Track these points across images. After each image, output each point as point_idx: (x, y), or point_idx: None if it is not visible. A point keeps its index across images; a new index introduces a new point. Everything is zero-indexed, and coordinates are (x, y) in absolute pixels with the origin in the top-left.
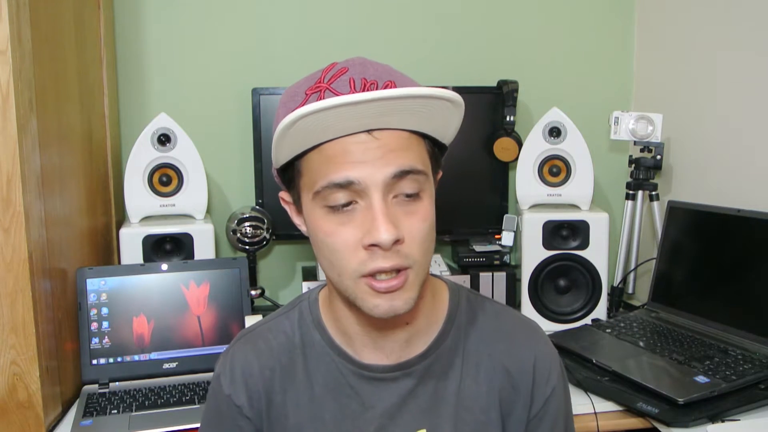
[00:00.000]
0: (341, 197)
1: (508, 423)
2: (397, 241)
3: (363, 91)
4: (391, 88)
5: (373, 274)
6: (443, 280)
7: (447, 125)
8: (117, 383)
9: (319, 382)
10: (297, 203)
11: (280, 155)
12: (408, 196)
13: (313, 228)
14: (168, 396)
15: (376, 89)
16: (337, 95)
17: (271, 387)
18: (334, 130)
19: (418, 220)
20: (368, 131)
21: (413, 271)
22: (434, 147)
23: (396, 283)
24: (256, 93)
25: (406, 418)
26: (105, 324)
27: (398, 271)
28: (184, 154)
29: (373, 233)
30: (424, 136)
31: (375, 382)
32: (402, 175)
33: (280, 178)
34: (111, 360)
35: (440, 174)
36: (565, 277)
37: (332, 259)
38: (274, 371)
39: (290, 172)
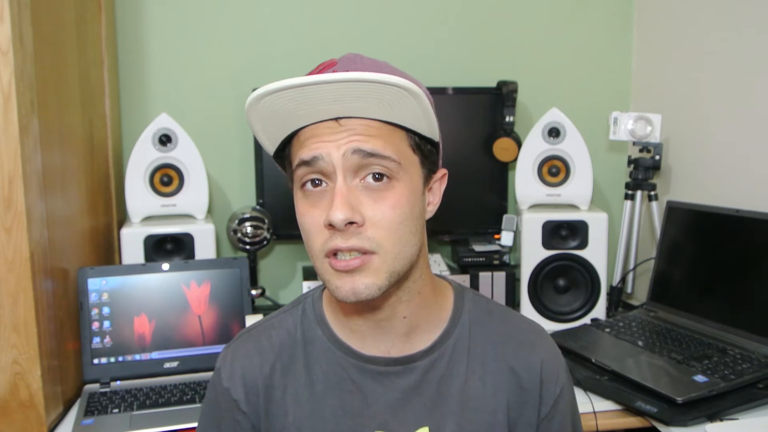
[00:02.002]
0: (310, 176)
1: (517, 425)
2: (353, 223)
3: None
4: None
5: (334, 253)
6: (448, 280)
7: (414, 116)
8: (118, 382)
9: (320, 379)
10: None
11: (261, 140)
12: (376, 180)
13: (295, 210)
14: (169, 395)
15: None
16: None
17: (270, 383)
18: (303, 116)
19: (387, 207)
20: (336, 119)
21: (379, 257)
22: (422, 141)
23: (355, 263)
24: None
25: (408, 414)
26: (106, 323)
27: (363, 254)
28: (185, 154)
29: (329, 213)
30: (406, 130)
31: (377, 376)
32: (366, 156)
33: (280, 167)
34: (112, 359)
35: (442, 172)
36: (564, 277)
37: (306, 240)
38: (274, 367)
39: (283, 160)
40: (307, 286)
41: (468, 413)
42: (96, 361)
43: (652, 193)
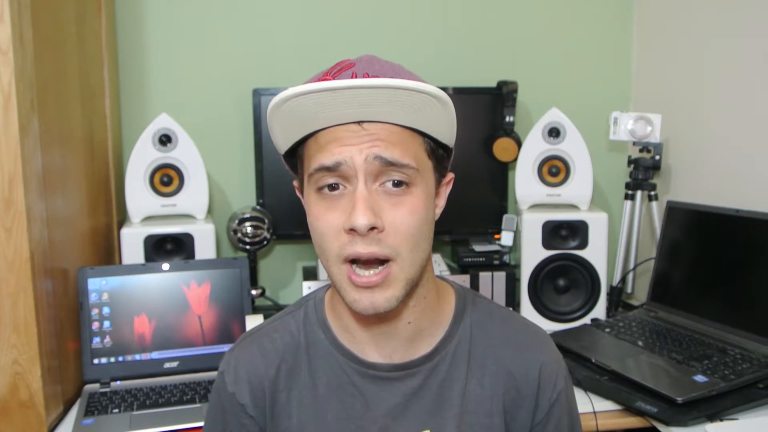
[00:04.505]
0: (330, 180)
1: (511, 428)
2: (374, 229)
3: None
4: None
5: (353, 261)
6: (449, 283)
7: (437, 122)
8: (118, 382)
9: (322, 382)
10: (302, 189)
11: (277, 139)
12: (395, 186)
13: (307, 212)
14: (169, 395)
15: None
16: None
17: (275, 386)
18: (327, 118)
19: (405, 213)
20: (359, 123)
21: (396, 264)
22: (436, 147)
23: (376, 279)
24: (256, 94)
25: (410, 418)
26: (106, 323)
27: (381, 263)
28: (185, 154)
29: (351, 217)
30: (423, 135)
31: (379, 381)
32: (386, 164)
33: (289, 165)
34: (112, 359)
35: (450, 176)
36: (564, 277)
37: (320, 243)
38: (279, 370)
39: (295, 159)
40: (307, 286)
41: (467, 416)
42: (96, 361)
43: (652, 193)
